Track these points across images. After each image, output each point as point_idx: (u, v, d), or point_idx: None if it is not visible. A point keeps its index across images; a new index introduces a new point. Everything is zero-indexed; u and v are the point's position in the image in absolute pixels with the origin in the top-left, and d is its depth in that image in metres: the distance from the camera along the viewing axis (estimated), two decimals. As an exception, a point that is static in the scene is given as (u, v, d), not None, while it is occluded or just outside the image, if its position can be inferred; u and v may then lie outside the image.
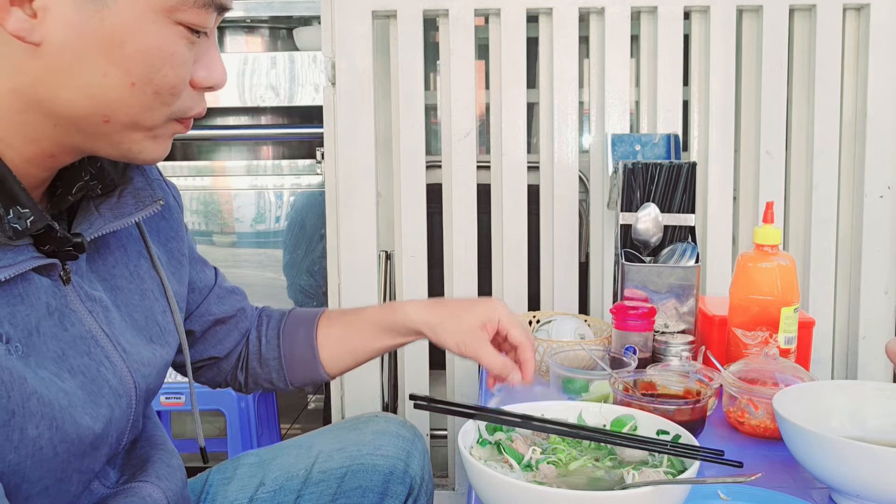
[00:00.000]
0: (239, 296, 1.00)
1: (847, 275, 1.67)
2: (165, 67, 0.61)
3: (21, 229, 0.60)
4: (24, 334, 0.61)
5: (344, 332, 1.00)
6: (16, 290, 0.61)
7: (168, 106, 0.63)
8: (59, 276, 0.66)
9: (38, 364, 0.61)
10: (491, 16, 1.63)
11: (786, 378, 0.98)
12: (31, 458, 0.59)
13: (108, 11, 0.57)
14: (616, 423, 0.82)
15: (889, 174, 1.61)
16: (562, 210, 1.65)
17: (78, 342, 0.66)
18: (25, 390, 0.58)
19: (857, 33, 1.62)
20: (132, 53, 0.59)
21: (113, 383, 0.69)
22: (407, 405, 1.76)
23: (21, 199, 0.60)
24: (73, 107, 0.60)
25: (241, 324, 0.99)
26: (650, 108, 1.66)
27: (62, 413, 0.61)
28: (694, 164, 1.34)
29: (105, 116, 0.61)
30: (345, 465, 0.95)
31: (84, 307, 0.68)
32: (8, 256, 0.59)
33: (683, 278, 1.27)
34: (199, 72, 0.65)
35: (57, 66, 0.58)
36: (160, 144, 0.66)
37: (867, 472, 0.74)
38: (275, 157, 2.31)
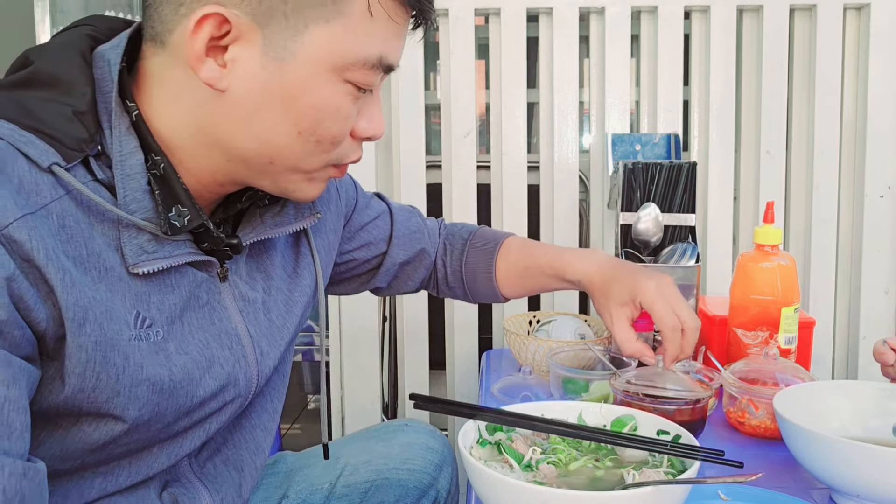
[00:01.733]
0: (417, 233, 1.07)
1: (847, 275, 1.67)
2: (329, 120, 0.66)
3: (179, 226, 0.66)
4: (169, 321, 0.67)
5: (519, 273, 1.09)
6: (169, 280, 0.67)
7: (327, 153, 0.69)
8: (217, 273, 0.72)
9: (178, 349, 0.67)
10: (491, 15, 1.63)
11: (786, 378, 0.98)
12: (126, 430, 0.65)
13: (288, 68, 0.63)
14: (616, 424, 0.82)
15: (889, 174, 1.61)
16: (562, 210, 1.65)
17: (223, 336, 0.72)
18: (138, 377, 0.63)
19: (858, 33, 1.62)
20: (304, 107, 0.65)
21: (240, 382, 0.74)
22: (407, 405, 1.76)
23: (182, 199, 0.66)
24: (245, 147, 0.66)
25: (425, 261, 1.09)
26: (650, 108, 1.66)
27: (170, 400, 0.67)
28: (694, 164, 1.34)
29: (271, 159, 0.67)
30: (370, 479, 0.95)
31: (235, 305, 0.74)
32: (165, 249, 0.66)
33: (684, 278, 1.27)
34: (361, 123, 0.70)
35: (236, 111, 0.65)
36: (316, 186, 0.72)
37: (867, 472, 0.74)
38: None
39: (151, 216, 0.65)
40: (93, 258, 0.61)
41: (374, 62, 0.66)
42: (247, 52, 0.63)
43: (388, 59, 0.69)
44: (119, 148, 0.64)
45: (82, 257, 0.60)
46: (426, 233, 1.09)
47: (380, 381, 1.72)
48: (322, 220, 0.90)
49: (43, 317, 0.57)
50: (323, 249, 0.89)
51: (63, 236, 0.59)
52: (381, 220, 1.04)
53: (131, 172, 0.64)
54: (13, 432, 0.54)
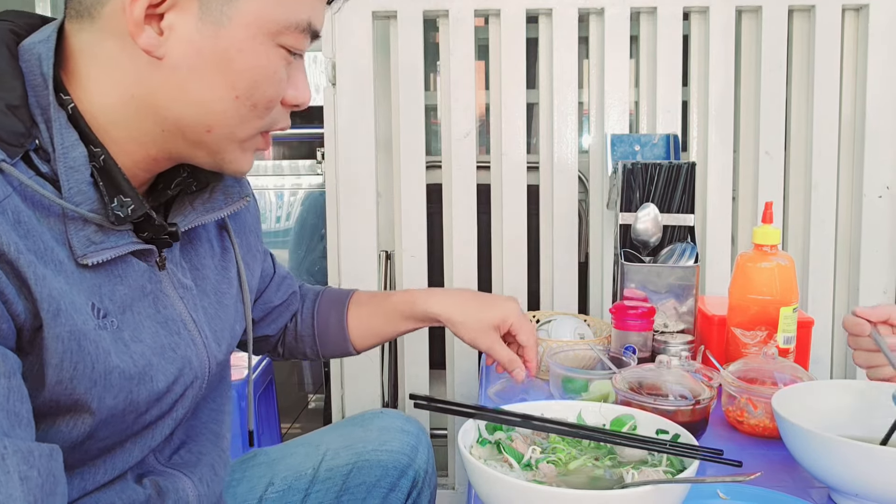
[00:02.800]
0: (290, 280, 1.10)
1: (846, 275, 1.67)
2: (265, 84, 0.68)
3: (123, 216, 0.67)
4: (120, 311, 0.68)
5: (371, 317, 1.11)
6: (117, 271, 0.68)
7: (261, 119, 0.71)
8: (156, 262, 0.73)
9: (132, 337, 0.69)
10: (491, 16, 1.63)
11: (785, 377, 0.98)
12: (104, 422, 0.66)
13: (224, 32, 0.65)
14: (616, 423, 0.82)
15: (888, 174, 1.62)
16: (561, 210, 1.65)
17: (170, 323, 0.74)
18: (109, 364, 0.65)
19: (857, 34, 1.62)
20: (240, 70, 0.66)
21: (195, 364, 0.76)
22: (407, 405, 1.76)
23: (125, 190, 0.67)
24: (183, 114, 0.67)
25: (293, 305, 1.10)
26: (649, 109, 1.66)
27: (140, 385, 0.68)
28: (693, 165, 1.35)
29: (208, 126, 0.68)
30: (350, 461, 0.98)
31: (176, 293, 0.75)
32: (111, 239, 0.67)
33: (683, 278, 1.28)
34: (289, 90, 0.72)
35: (174, 79, 0.66)
36: (248, 157, 0.74)
37: (866, 471, 0.74)
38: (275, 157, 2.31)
39: (97, 207, 0.66)
40: (48, 252, 0.62)
41: (304, 26, 0.69)
42: (183, 18, 0.64)
43: (315, 24, 0.70)
44: (61, 141, 0.64)
45: (40, 251, 0.61)
46: (294, 280, 1.12)
47: (380, 380, 1.72)
48: (242, 220, 0.91)
49: (21, 310, 0.58)
50: (245, 247, 0.91)
51: (20, 231, 0.60)
52: (268, 258, 1.06)
53: (75, 165, 0.64)
54: (22, 420, 0.56)
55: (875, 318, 0.92)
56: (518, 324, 1.07)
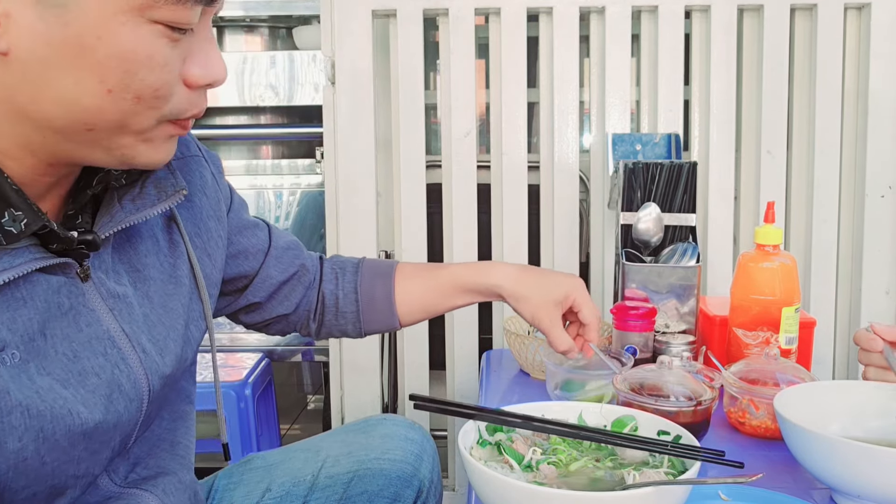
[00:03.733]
0: (295, 251, 1.00)
1: (848, 275, 1.67)
2: (143, 71, 0.57)
3: (16, 232, 0.58)
4: (26, 339, 0.59)
5: (424, 291, 1.03)
6: (17, 294, 0.59)
7: (156, 109, 0.60)
8: (77, 273, 0.64)
9: (39, 370, 0.60)
10: (491, 15, 1.63)
11: (787, 378, 0.98)
12: (14, 469, 0.58)
13: (71, 16, 0.54)
14: (617, 424, 0.82)
15: (890, 174, 1.61)
16: (562, 210, 1.65)
17: (94, 342, 0.65)
18: (8, 403, 0.57)
19: (858, 33, 1.61)
20: (104, 59, 0.55)
21: (125, 387, 0.67)
22: (407, 405, 1.76)
23: (14, 202, 0.58)
24: (51, 116, 0.57)
25: (304, 278, 1.01)
26: (651, 108, 1.66)
27: (55, 423, 0.60)
28: (695, 164, 1.34)
29: (86, 125, 0.58)
30: (352, 469, 0.94)
31: (104, 305, 0.67)
32: (4, 260, 0.58)
33: (684, 278, 1.27)
34: (193, 70, 0.61)
35: (28, 75, 0.56)
36: (157, 148, 0.63)
37: (867, 472, 0.74)
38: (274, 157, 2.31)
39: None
40: None
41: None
42: (18, 3, 0.53)
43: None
44: None
45: None
46: (303, 250, 1.02)
47: (380, 381, 1.72)
48: (197, 206, 0.81)
49: None
50: (202, 237, 0.82)
51: None
52: (260, 230, 0.96)
53: None
54: None
55: (890, 336, 0.91)
56: (581, 300, 1.02)
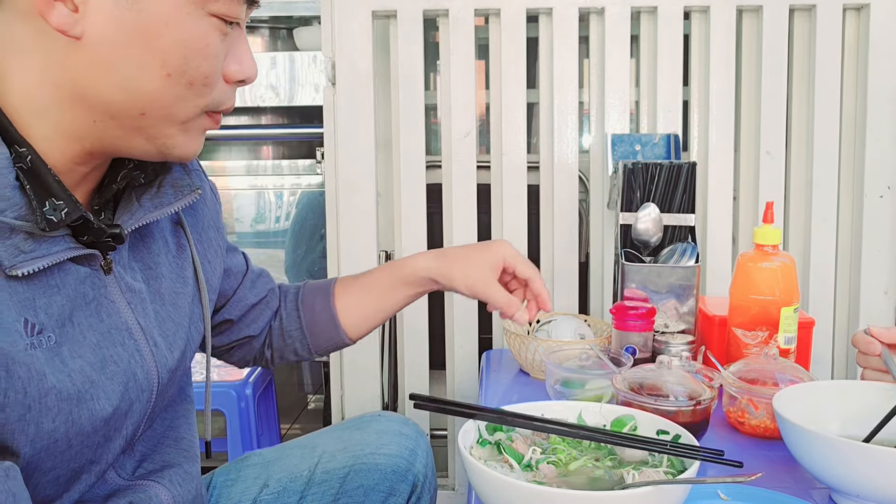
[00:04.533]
0: (266, 277, 1.03)
1: (847, 275, 1.67)
2: (199, 58, 0.63)
3: (56, 221, 0.61)
4: (59, 324, 0.62)
5: (361, 296, 1.03)
6: (53, 280, 0.63)
7: (202, 98, 0.65)
8: (101, 266, 0.68)
9: (71, 353, 0.63)
10: (491, 16, 1.63)
11: (786, 378, 0.98)
12: (46, 450, 0.61)
13: (144, 4, 0.59)
14: (616, 423, 0.82)
15: (889, 174, 1.61)
16: (562, 210, 1.65)
17: (113, 332, 0.68)
18: (43, 386, 0.59)
19: (857, 33, 1.62)
20: (168, 45, 0.61)
21: (139, 377, 0.70)
22: (407, 405, 1.76)
23: (55, 192, 0.61)
24: (113, 99, 0.61)
25: (272, 302, 1.02)
26: (650, 108, 1.66)
27: (81, 406, 0.63)
28: (694, 164, 1.34)
29: (141, 109, 0.63)
30: (347, 464, 0.95)
31: (123, 298, 0.70)
32: (43, 247, 0.61)
33: (683, 278, 1.27)
34: (231, 65, 0.67)
35: (97, 59, 0.60)
36: (193, 139, 0.68)
37: (867, 472, 0.74)
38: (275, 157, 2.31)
39: (24, 213, 0.60)
40: None
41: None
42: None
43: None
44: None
45: None
46: (272, 278, 1.05)
47: (380, 381, 1.72)
48: (200, 214, 0.86)
49: None
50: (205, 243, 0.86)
51: None
52: (238, 255, 1.00)
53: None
54: None
55: (887, 339, 0.91)
56: (512, 258, 0.99)
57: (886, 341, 0.91)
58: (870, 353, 0.92)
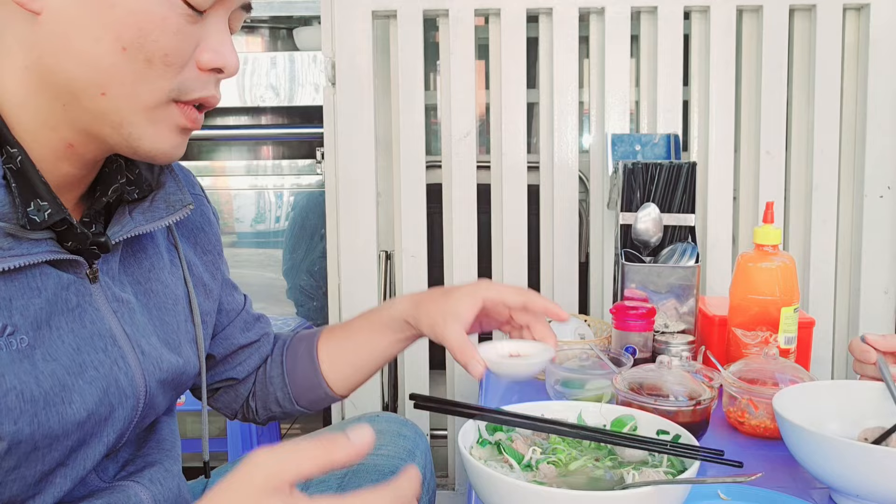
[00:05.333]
0: (263, 323, 0.99)
1: (847, 275, 1.67)
2: (156, 32, 0.60)
3: (38, 221, 0.61)
4: (34, 327, 0.62)
5: (344, 341, 0.97)
6: (33, 283, 0.62)
7: (164, 79, 0.62)
8: (86, 274, 0.67)
9: (44, 356, 0.62)
10: (491, 16, 1.63)
11: (786, 378, 0.98)
12: (7, 451, 0.60)
13: None
14: (616, 423, 0.82)
15: (889, 174, 1.61)
16: (562, 210, 1.65)
17: (95, 339, 0.68)
18: (3, 386, 0.59)
19: (858, 33, 1.62)
20: (122, 16, 0.59)
21: (122, 383, 0.69)
22: (407, 405, 1.76)
23: (41, 193, 0.61)
24: (73, 76, 0.60)
25: (263, 348, 0.98)
26: (650, 108, 1.66)
27: (48, 409, 0.62)
28: (694, 164, 1.34)
29: (101, 87, 0.61)
30: None
31: (109, 307, 0.70)
32: (24, 247, 0.61)
33: (683, 278, 1.27)
34: (205, 53, 0.64)
35: (56, 33, 0.59)
36: (162, 133, 0.65)
37: (867, 472, 0.74)
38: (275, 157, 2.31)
39: (6, 212, 0.60)
40: None
41: None
42: None
43: None
44: None
45: None
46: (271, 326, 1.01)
47: (380, 381, 1.72)
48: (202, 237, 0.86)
49: None
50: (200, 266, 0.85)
51: None
52: (238, 293, 0.96)
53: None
54: None
55: (883, 347, 0.91)
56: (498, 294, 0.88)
57: (882, 349, 0.91)
58: (865, 362, 0.92)
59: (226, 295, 0.94)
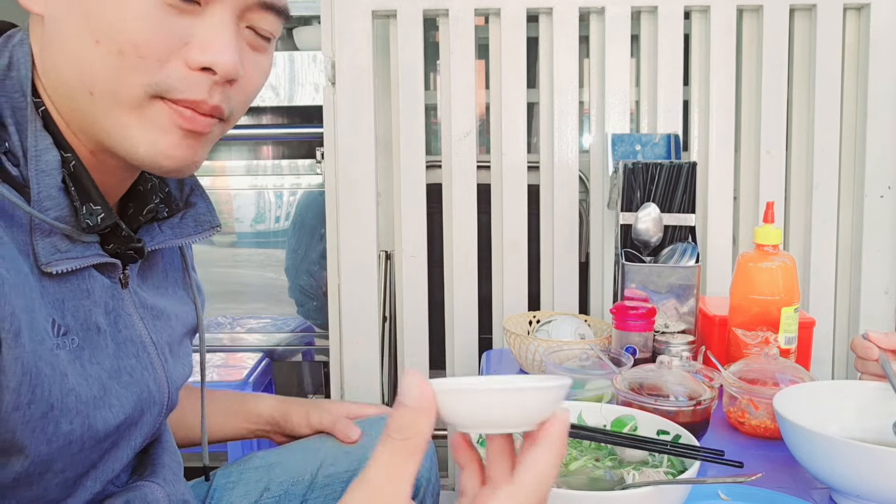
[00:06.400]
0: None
1: (847, 275, 1.67)
2: (127, 21, 0.57)
3: (92, 224, 0.63)
4: (83, 328, 0.63)
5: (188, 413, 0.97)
6: (84, 285, 0.64)
7: (140, 72, 0.58)
8: (119, 279, 0.69)
9: (91, 358, 0.64)
10: (491, 15, 1.63)
11: (786, 378, 0.98)
12: (60, 450, 0.61)
13: None
14: (616, 423, 0.82)
15: (889, 174, 1.61)
16: (562, 210, 1.65)
17: (128, 344, 0.69)
18: (65, 386, 0.60)
19: (858, 33, 1.61)
20: (93, 7, 0.58)
21: (152, 389, 0.71)
22: (407, 405, 1.75)
23: (94, 197, 0.63)
24: (65, 75, 0.60)
25: None
26: (650, 108, 1.66)
27: (97, 411, 0.63)
28: (694, 164, 1.34)
29: (88, 86, 0.59)
30: (350, 468, 0.94)
31: (137, 313, 0.71)
32: (77, 249, 0.62)
33: (684, 278, 1.27)
34: (194, 50, 0.59)
35: (53, 34, 0.60)
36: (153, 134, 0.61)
37: (867, 472, 0.74)
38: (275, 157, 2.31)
39: (65, 214, 0.61)
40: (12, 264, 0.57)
41: None
42: None
43: None
44: (34, 143, 0.60)
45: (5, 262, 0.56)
46: None
47: (380, 381, 1.72)
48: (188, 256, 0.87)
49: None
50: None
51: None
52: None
53: (48, 169, 0.60)
54: None
55: (885, 345, 0.91)
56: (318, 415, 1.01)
57: (884, 346, 0.91)
58: (867, 359, 0.92)
59: None
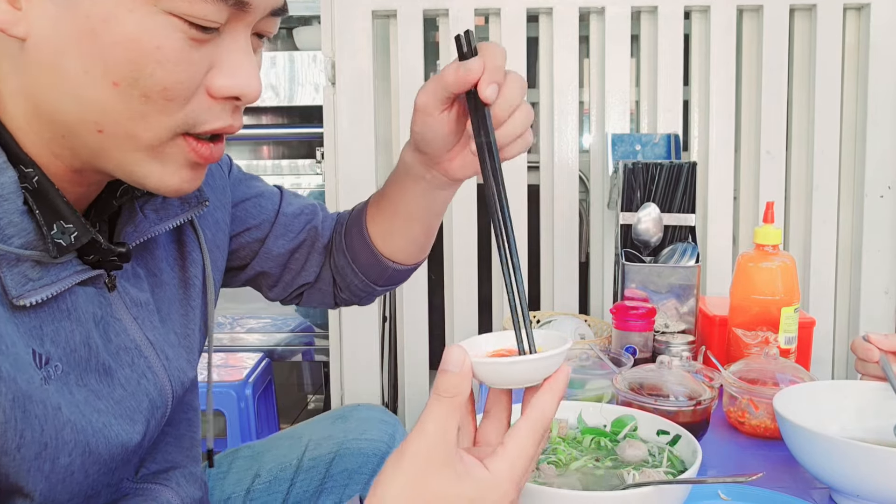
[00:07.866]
0: (308, 215, 0.92)
1: (847, 275, 1.67)
2: (152, 64, 0.52)
3: (65, 245, 0.57)
4: (67, 351, 0.58)
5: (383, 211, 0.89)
6: (62, 306, 0.58)
7: (167, 115, 0.54)
8: (105, 283, 0.63)
9: (77, 381, 0.59)
10: (491, 15, 1.63)
11: (786, 378, 0.98)
12: (62, 483, 0.58)
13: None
14: (616, 424, 0.82)
15: (889, 174, 1.61)
16: (562, 210, 1.65)
17: (122, 353, 0.64)
18: (59, 420, 0.56)
19: (858, 33, 1.62)
20: (108, 46, 0.51)
21: (153, 395, 0.67)
22: (407, 404, 1.76)
23: (65, 214, 0.57)
24: (65, 110, 0.54)
25: (318, 242, 0.92)
26: (650, 108, 1.66)
27: (96, 437, 0.60)
28: (694, 164, 1.34)
29: (97, 124, 0.54)
30: (332, 450, 0.99)
31: (129, 314, 0.66)
32: (51, 273, 0.56)
33: (684, 278, 1.27)
34: (218, 78, 0.55)
35: (43, 63, 0.53)
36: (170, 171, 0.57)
37: (867, 472, 0.74)
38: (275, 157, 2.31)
39: (32, 239, 0.55)
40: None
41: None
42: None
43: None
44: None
45: None
46: (318, 213, 0.94)
47: (380, 380, 1.72)
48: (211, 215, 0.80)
49: None
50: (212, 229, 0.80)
51: None
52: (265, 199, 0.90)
53: (3, 193, 0.53)
54: None
55: (886, 346, 0.91)
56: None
57: (885, 348, 0.91)
58: (868, 360, 0.92)
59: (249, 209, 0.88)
